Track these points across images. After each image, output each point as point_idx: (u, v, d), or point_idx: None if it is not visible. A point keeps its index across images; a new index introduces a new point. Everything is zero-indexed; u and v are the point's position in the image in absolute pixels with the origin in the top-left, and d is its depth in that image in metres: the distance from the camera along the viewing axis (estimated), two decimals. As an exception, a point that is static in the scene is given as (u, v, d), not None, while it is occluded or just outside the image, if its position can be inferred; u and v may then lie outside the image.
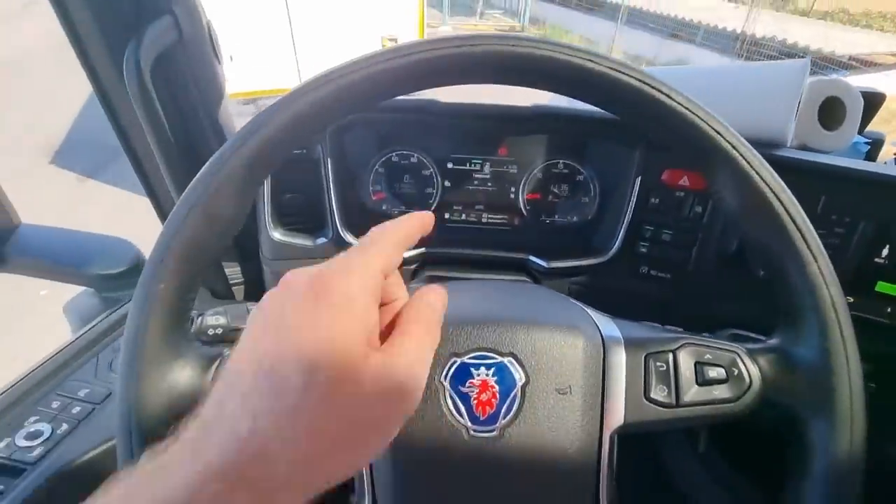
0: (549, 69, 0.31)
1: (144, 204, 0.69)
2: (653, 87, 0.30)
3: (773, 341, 0.34)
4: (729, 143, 0.31)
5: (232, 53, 3.36)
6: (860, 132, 0.82)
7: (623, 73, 0.31)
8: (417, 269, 0.69)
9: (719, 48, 7.31)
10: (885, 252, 0.55)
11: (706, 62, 7.27)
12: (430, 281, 0.68)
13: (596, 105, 0.34)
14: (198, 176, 0.30)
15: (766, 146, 0.60)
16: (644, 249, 0.64)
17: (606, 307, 0.41)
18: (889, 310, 0.56)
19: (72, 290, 0.70)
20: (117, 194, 3.52)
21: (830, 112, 0.65)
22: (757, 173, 0.31)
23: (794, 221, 0.31)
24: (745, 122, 0.61)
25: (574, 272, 0.66)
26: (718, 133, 0.31)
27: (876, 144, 0.78)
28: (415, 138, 0.70)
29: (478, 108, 0.66)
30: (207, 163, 0.30)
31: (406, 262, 0.67)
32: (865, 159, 0.77)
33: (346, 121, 0.64)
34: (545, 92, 0.36)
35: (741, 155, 0.31)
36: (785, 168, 0.58)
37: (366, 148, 0.70)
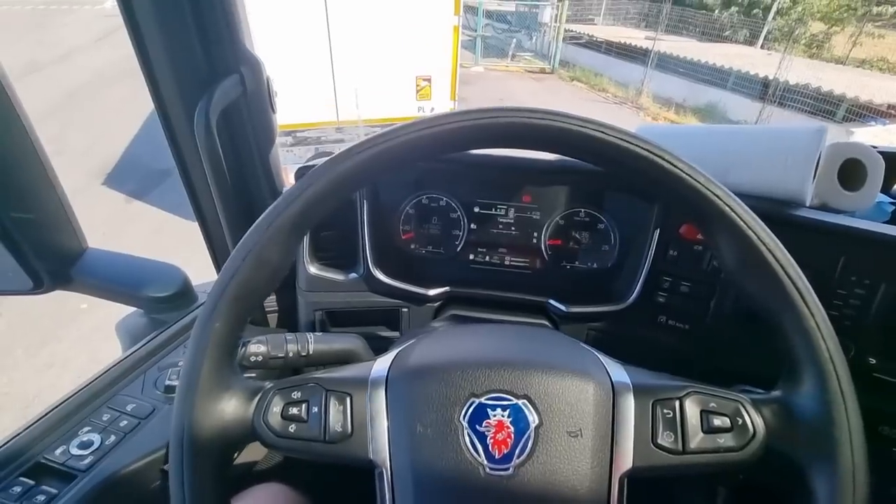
0: (562, 139, 0.35)
1: (179, 224, 0.75)
2: (656, 155, 0.34)
3: (775, 392, 0.36)
4: (727, 205, 0.34)
5: (277, 89, 3.59)
6: (888, 192, 0.82)
7: (629, 143, 0.34)
8: (441, 308, 0.72)
9: (751, 94, 7.30)
10: None
11: (737, 107, 7.26)
12: (453, 319, 0.71)
13: (605, 169, 0.38)
14: (252, 227, 0.35)
15: (785, 205, 0.62)
16: (662, 299, 0.66)
17: (624, 354, 0.43)
18: None
19: (109, 305, 0.76)
20: (158, 214, 3.75)
21: (851, 173, 0.66)
22: (753, 232, 0.34)
23: (789, 277, 0.33)
24: (765, 182, 0.64)
25: (593, 318, 0.68)
26: (717, 196, 0.34)
27: (903, 204, 0.78)
28: (444, 183, 0.75)
29: (504, 159, 0.70)
30: (262, 216, 0.35)
31: (431, 299, 0.71)
32: (891, 219, 0.77)
33: None
34: None
35: (738, 216, 0.34)
36: (803, 228, 0.60)
37: (398, 190, 0.75)
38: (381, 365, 0.39)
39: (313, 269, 0.70)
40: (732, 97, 7.54)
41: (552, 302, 0.70)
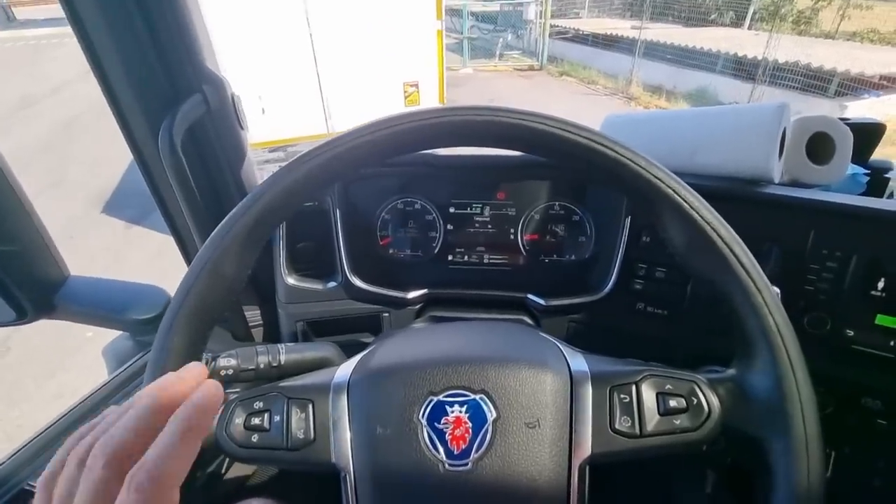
0: (506, 133, 0.36)
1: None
2: (597, 143, 0.34)
3: (730, 371, 0.36)
4: (670, 187, 0.34)
5: (264, 106, 3.63)
6: (863, 163, 0.82)
7: (571, 133, 0.35)
8: (421, 310, 0.73)
9: (741, 76, 7.27)
10: (881, 284, 0.55)
11: (728, 90, 7.23)
12: (432, 320, 0.72)
13: (553, 161, 0.38)
14: (207, 241, 0.35)
15: (753, 183, 0.62)
16: (639, 286, 0.66)
17: (605, 344, 0.43)
18: (892, 343, 0.55)
19: (114, 333, 0.77)
20: (157, 238, 3.78)
21: (821, 147, 0.66)
22: (697, 213, 0.34)
23: (735, 255, 0.33)
24: (731, 161, 0.64)
25: (572, 310, 0.68)
26: (659, 179, 0.34)
27: (877, 174, 0.78)
28: (418, 186, 0.75)
29: (474, 158, 0.71)
30: (216, 229, 0.35)
31: (410, 302, 0.71)
32: (867, 190, 0.77)
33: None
34: None
35: (681, 197, 0.34)
36: (773, 205, 0.60)
37: (372, 197, 0.76)
38: (344, 370, 0.40)
39: (291, 281, 0.71)
40: (723, 80, 7.51)
41: (531, 296, 0.70)
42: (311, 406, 0.37)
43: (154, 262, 3.49)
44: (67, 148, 5.79)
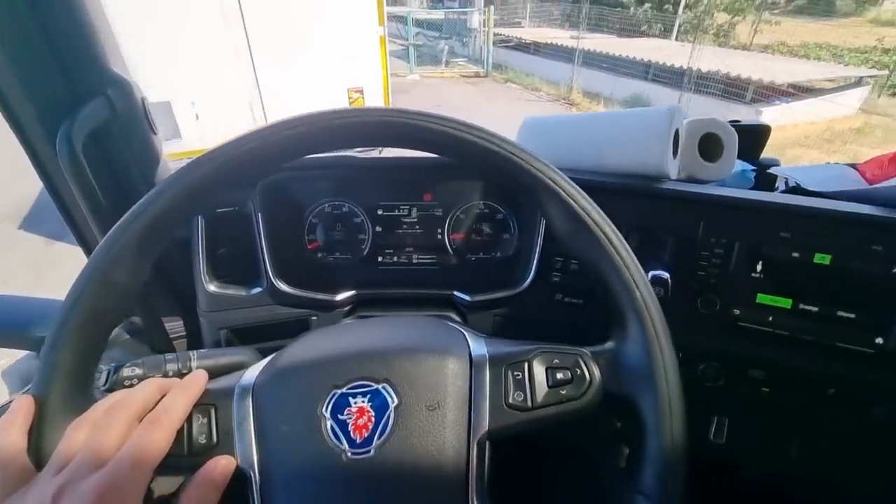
0: (401, 133, 0.38)
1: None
2: (483, 139, 0.37)
3: (609, 343, 0.40)
4: (550, 178, 0.37)
5: (198, 112, 3.48)
6: (755, 160, 0.91)
7: (460, 132, 0.37)
8: (350, 312, 0.73)
9: (670, 83, 7.81)
10: (759, 267, 0.62)
11: (659, 97, 7.74)
12: None
13: (448, 159, 0.40)
14: (95, 250, 0.34)
15: (654, 180, 0.68)
16: (556, 279, 0.70)
17: (528, 335, 0.45)
18: (770, 318, 0.62)
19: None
20: (82, 253, 3.51)
21: (713, 146, 0.73)
22: (574, 201, 0.37)
23: (607, 237, 0.37)
24: (633, 161, 0.69)
25: (495, 304, 0.71)
26: (541, 172, 0.37)
27: (763, 170, 0.87)
28: (345, 189, 0.76)
29: (400, 160, 0.72)
30: (104, 237, 0.35)
31: (339, 304, 0.71)
32: (756, 185, 0.86)
33: (276, 177, 0.70)
34: None
35: (560, 187, 0.37)
36: (669, 199, 0.66)
37: (298, 200, 0.75)
38: (251, 373, 0.40)
39: (212, 288, 0.69)
40: (654, 87, 8.03)
41: (457, 293, 0.72)
42: (213, 410, 0.36)
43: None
44: (-25, 159, 5.26)
